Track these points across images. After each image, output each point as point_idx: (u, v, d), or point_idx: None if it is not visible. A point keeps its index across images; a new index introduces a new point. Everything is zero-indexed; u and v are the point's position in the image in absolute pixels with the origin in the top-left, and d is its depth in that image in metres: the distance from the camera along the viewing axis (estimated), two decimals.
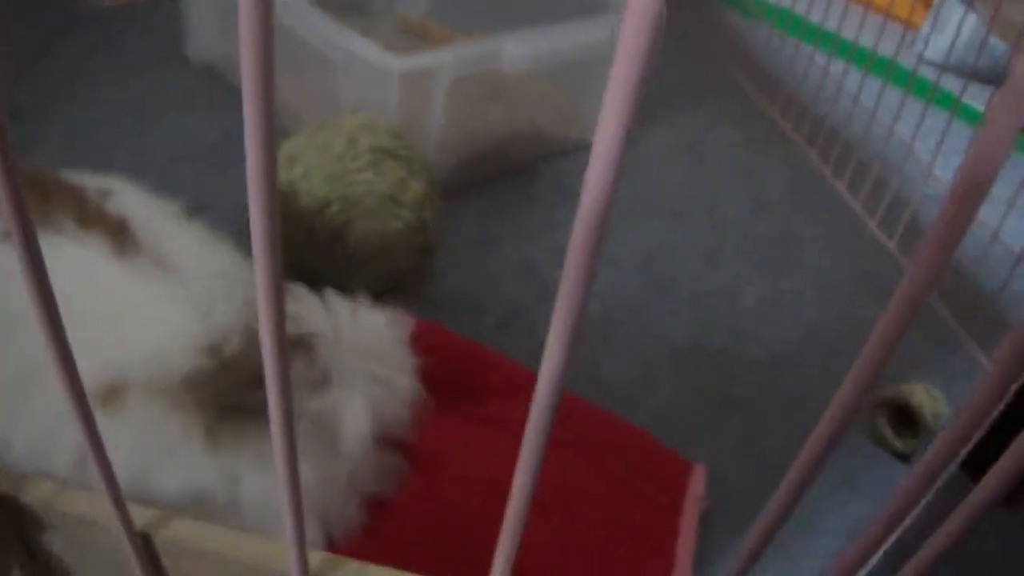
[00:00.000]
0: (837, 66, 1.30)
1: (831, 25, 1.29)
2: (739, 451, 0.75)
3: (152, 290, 0.48)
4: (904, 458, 0.77)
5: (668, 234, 1.02)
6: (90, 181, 0.56)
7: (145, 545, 0.38)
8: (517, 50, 0.92)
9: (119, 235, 0.51)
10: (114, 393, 0.44)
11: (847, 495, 0.73)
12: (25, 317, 0.29)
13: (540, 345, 0.23)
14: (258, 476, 0.44)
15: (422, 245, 0.80)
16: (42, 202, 0.51)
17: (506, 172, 1.07)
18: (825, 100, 1.29)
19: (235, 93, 1.15)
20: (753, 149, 1.24)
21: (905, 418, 0.77)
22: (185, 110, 1.10)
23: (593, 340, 0.85)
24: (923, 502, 0.42)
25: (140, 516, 0.38)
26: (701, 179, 1.15)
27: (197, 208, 0.64)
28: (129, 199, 0.55)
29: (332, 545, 0.48)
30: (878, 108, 1.13)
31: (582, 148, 1.14)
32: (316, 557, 0.38)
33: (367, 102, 0.90)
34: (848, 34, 1.26)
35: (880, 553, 0.38)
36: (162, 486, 0.45)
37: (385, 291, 0.83)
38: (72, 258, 0.49)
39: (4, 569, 0.43)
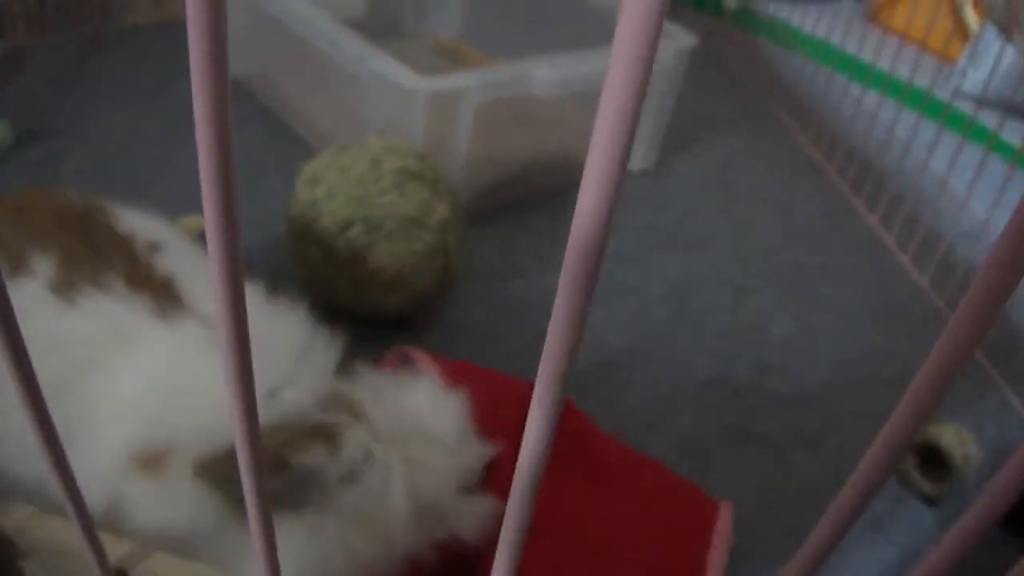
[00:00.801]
0: (871, 97, 1.28)
1: (866, 56, 1.28)
2: (759, 487, 0.73)
3: (204, 359, 0.47)
4: (932, 501, 0.74)
5: (695, 264, 1.01)
6: (140, 229, 0.55)
7: None
8: (547, 75, 0.92)
9: (166, 296, 0.50)
10: (156, 460, 0.43)
11: (873, 538, 0.71)
12: (39, 351, 0.28)
13: None
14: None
15: (444, 269, 0.79)
16: (93, 255, 0.50)
17: (533, 198, 1.07)
18: (858, 131, 1.27)
19: (266, 110, 1.16)
20: (785, 178, 1.22)
21: (934, 460, 0.75)
22: None
23: (617, 371, 0.83)
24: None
25: (116, 551, 0.37)
26: (731, 208, 1.13)
27: None
28: (178, 254, 0.54)
29: None
30: (913, 141, 1.11)
31: None
32: None
33: (394, 123, 0.90)
34: (883, 65, 1.24)
35: None
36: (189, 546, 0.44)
37: (406, 314, 0.82)
38: (119, 320, 0.48)
39: None
